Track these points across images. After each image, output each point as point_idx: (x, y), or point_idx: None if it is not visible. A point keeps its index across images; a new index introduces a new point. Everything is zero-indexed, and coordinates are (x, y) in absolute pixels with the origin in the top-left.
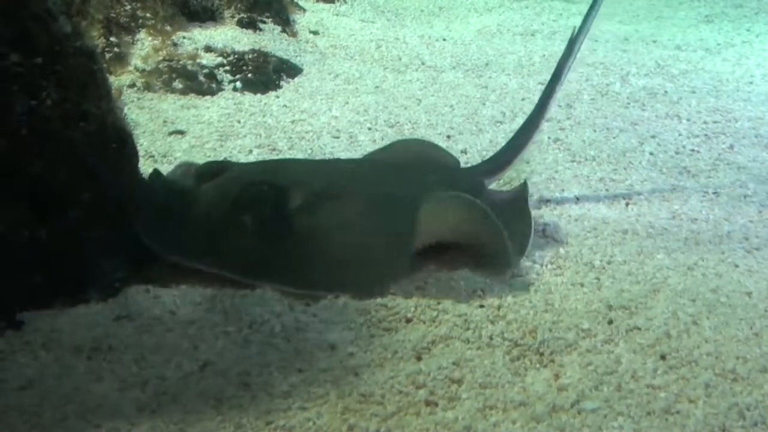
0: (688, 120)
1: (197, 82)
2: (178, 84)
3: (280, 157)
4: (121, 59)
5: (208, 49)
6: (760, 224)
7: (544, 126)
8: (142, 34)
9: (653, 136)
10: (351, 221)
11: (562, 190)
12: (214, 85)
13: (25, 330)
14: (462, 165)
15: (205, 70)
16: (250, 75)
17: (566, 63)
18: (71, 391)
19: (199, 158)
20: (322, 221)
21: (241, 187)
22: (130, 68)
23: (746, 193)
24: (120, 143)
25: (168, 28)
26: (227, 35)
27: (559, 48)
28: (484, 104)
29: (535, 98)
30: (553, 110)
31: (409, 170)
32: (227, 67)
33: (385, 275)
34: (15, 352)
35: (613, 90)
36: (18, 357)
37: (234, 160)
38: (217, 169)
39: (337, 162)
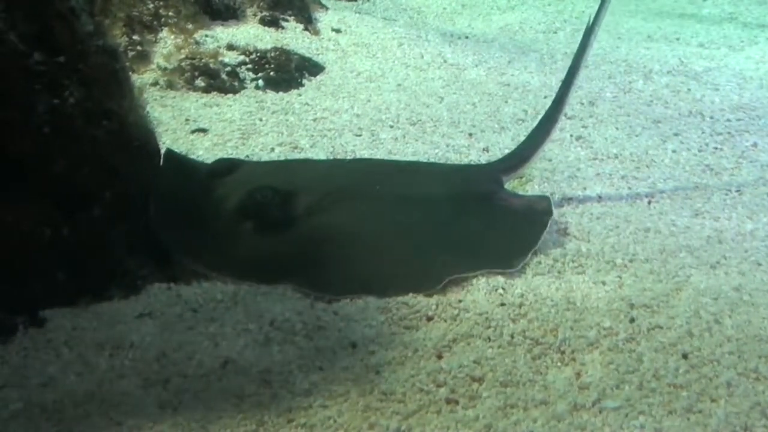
0: (711, 118)
1: (219, 80)
2: (200, 82)
3: (302, 155)
4: (144, 57)
5: (231, 47)
6: None
7: (566, 123)
8: (164, 33)
9: (676, 134)
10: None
11: (584, 188)
12: (236, 83)
13: (48, 327)
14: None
15: (228, 69)
16: (272, 73)
17: (581, 58)
18: (93, 388)
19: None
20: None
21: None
22: (153, 66)
23: None
24: (142, 141)
25: (190, 26)
26: (249, 33)
27: None
28: (506, 102)
29: None
30: (571, 106)
31: (425, 170)
32: (249, 65)
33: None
34: (38, 350)
35: (636, 87)
36: (40, 354)
37: (255, 158)
38: (229, 167)
39: (355, 163)
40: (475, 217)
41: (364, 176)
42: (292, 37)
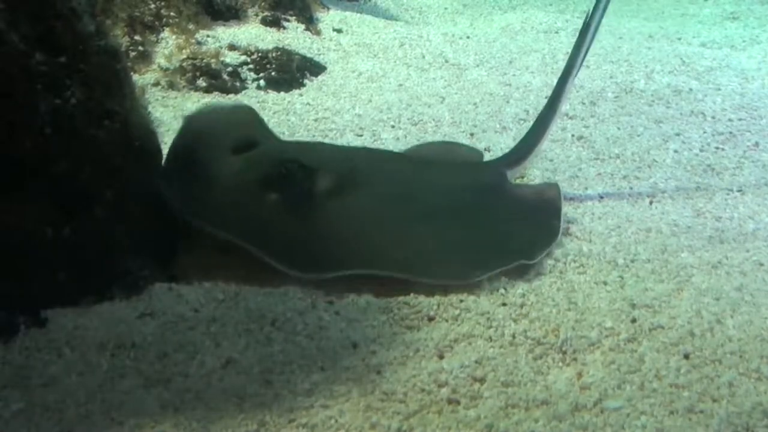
0: (712, 118)
1: (221, 81)
2: (201, 82)
3: None
4: (145, 58)
5: (232, 47)
6: None
7: (567, 123)
8: (165, 33)
9: (678, 134)
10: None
11: (586, 188)
12: (237, 84)
13: (49, 327)
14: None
15: (229, 69)
16: (273, 73)
17: (580, 51)
18: (95, 388)
19: None
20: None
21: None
22: (154, 67)
23: None
24: (144, 142)
25: (192, 26)
26: (251, 33)
27: None
28: (507, 102)
29: None
30: (572, 106)
31: (437, 164)
32: (251, 66)
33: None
34: (39, 350)
35: (638, 87)
36: (42, 354)
37: None
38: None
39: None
40: (493, 210)
41: (381, 162)
42: (294, 37)
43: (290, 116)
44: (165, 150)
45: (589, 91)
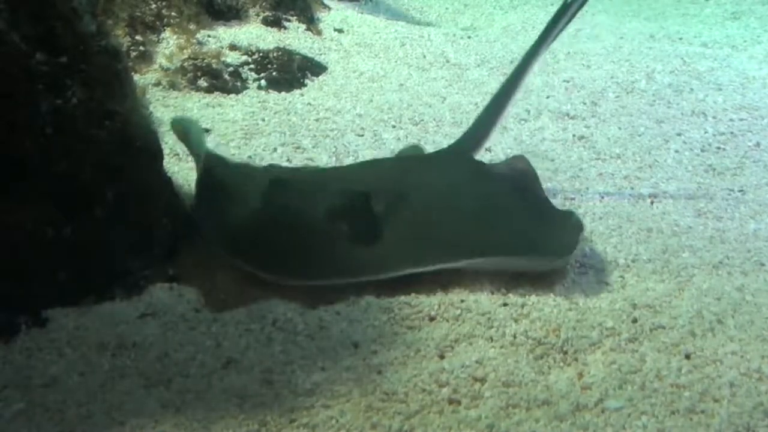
0: (714, 118)
1: (222, 81)
2: (202, 82)
3: (304, 155)
4: (146, 58)
5: (233, 47)
6: None
7: (568, 123)
8: (166, 33)
9: (679, 134)
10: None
11: (587, 188)
12: (238, 84)
13: (50, 327)
14: (485, 162)
15: (230, 69)
16: (274, 73)
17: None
18: (96, 388)
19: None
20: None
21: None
22: (155, 67)
23: None
24: (144, 142)
25: (193, 26)
26: (252, 33)
27: (584, 46)
28: None
29: (560, 96)
30: (573, 106)
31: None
32: (252, 66)
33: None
34: (40, 350)
35: (639, 87)
36: (43, 354)
37: (259, 158)
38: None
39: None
40: (505, 195)
41: (392, 174)
42: (295, 37)
43: (291, 116)
44: (165, 150)
45: (591, 91)
